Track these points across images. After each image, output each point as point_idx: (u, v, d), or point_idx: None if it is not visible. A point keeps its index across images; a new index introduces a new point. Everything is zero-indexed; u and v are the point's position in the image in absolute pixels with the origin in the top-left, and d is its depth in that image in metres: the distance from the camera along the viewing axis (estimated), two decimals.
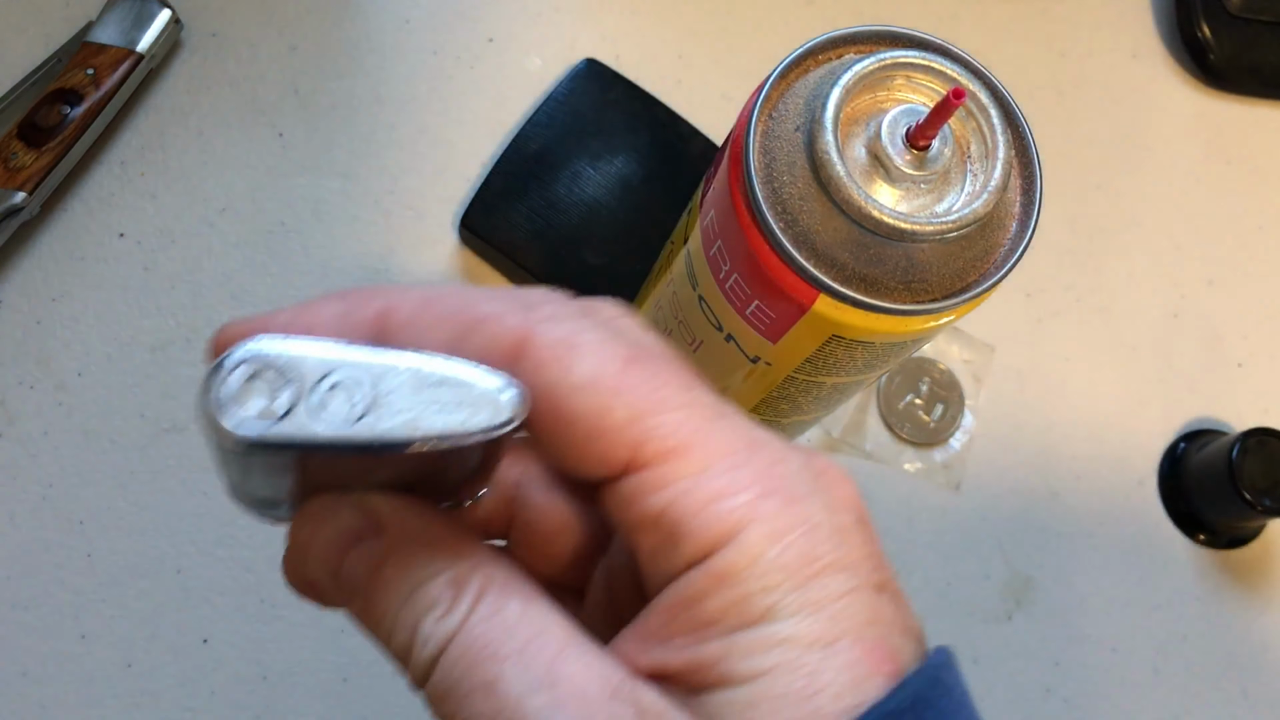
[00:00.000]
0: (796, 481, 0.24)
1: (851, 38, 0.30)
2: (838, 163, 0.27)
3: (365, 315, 0.25)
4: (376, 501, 0.26)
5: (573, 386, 0.24)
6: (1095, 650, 0.56)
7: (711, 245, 0.30)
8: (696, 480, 0.24)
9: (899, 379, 0.58)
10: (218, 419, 0.22)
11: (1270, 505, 0.54)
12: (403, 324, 0.25)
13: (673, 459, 0.24)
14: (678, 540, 0.24)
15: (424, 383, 0.23)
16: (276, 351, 0.22)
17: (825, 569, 0.24)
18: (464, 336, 0.25)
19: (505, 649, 0.24)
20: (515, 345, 0.24)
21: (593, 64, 0.57)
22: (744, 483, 0.24)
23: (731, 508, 0.23)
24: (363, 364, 0.23)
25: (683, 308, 0.34)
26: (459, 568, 0.25)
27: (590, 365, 0.24)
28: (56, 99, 0.52)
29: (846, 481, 0.26)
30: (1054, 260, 0.61)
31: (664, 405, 0.24)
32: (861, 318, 0.28)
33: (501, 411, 0.23)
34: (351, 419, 0.22)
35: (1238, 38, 0.64)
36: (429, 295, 0.25)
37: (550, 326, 0.25)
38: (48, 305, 0.53)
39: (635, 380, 0.24)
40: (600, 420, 0.24)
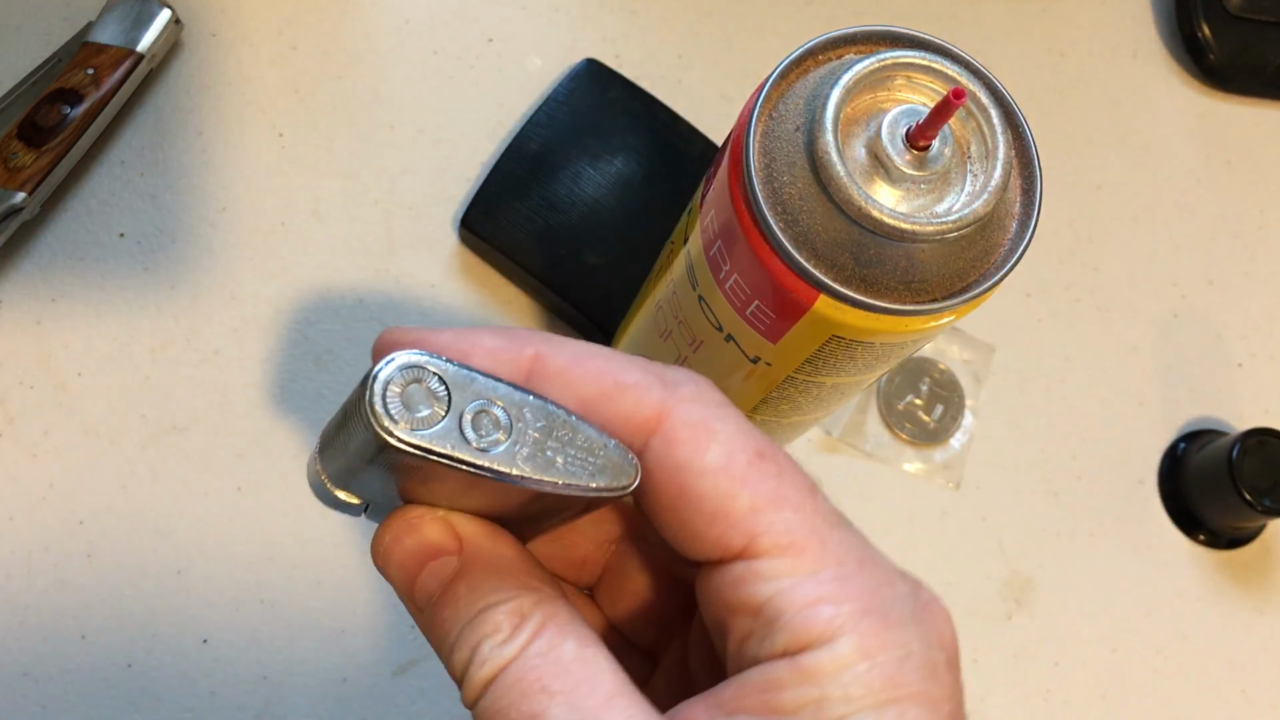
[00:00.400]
0: (899, 607, 0.25)
1: (851, 38, 0.30)
2: (838, 163, 0.27)
3: (521, 355, 0.27)
4: (461, 522, 0.27)
5: (703, 469, 0.25)
6: (1095, 650, 0.56)
7: (711, 245, 0.30)
8: (804, 580, 0.25)
9: (899, 379, 0.58)
10: (374, 411, 0.23)
11: (1270, 505, 0.54)
12: (552, 373, 0.26)
13: (786, 555, 0.25)
14: (773, 631, 0.25)
15: (559, 432, 0.25)
16: (444, 367, 0.24)
17: (907, 698, 0.24)
18: (608, 397, 0.26)
19: (556, 685, 0.25)
20: (653, 417, 0.26)
21: (593, 64, 0.57)
22: (849, 595, 0.25)
23: (832, 615, 0.24)
24: (511, 401, 0.25)
25: (683, 308, 0.34)
26: (524, 599, 0.26)
27: (722, 451, 0.26)
28: (56, 99, 0.52)
29: (948, 620, 0.26)
30: (1054, 260, 0.61)
31: (786, 503, 0.25)
32: (861, 318, 0.28)
33: (620, 478, 0.25)
34: (489, 447, 0.24)
35: (1238, 38, 0.64)
36: (581, 352, 0.27)
37: (690, 408, 0.26)
38: (48, 305, 0.53)
39: (763, 474, 0.25)
40: (723, 505, 0.25)
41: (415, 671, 0.51)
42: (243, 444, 0.52)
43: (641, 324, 0.40)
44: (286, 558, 0.51)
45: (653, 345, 0.38)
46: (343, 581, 0.51)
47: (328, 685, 0.50)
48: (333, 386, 0.53)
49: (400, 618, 0.51)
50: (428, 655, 0.51)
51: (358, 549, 0.52)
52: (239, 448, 0.52)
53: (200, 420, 0.52)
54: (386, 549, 0.27)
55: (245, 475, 0.52)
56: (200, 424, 0.52)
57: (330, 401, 0.53)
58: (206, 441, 0.52)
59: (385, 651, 0.51)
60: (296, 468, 0.52)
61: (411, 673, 0.51)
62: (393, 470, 0.25)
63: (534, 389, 0.26)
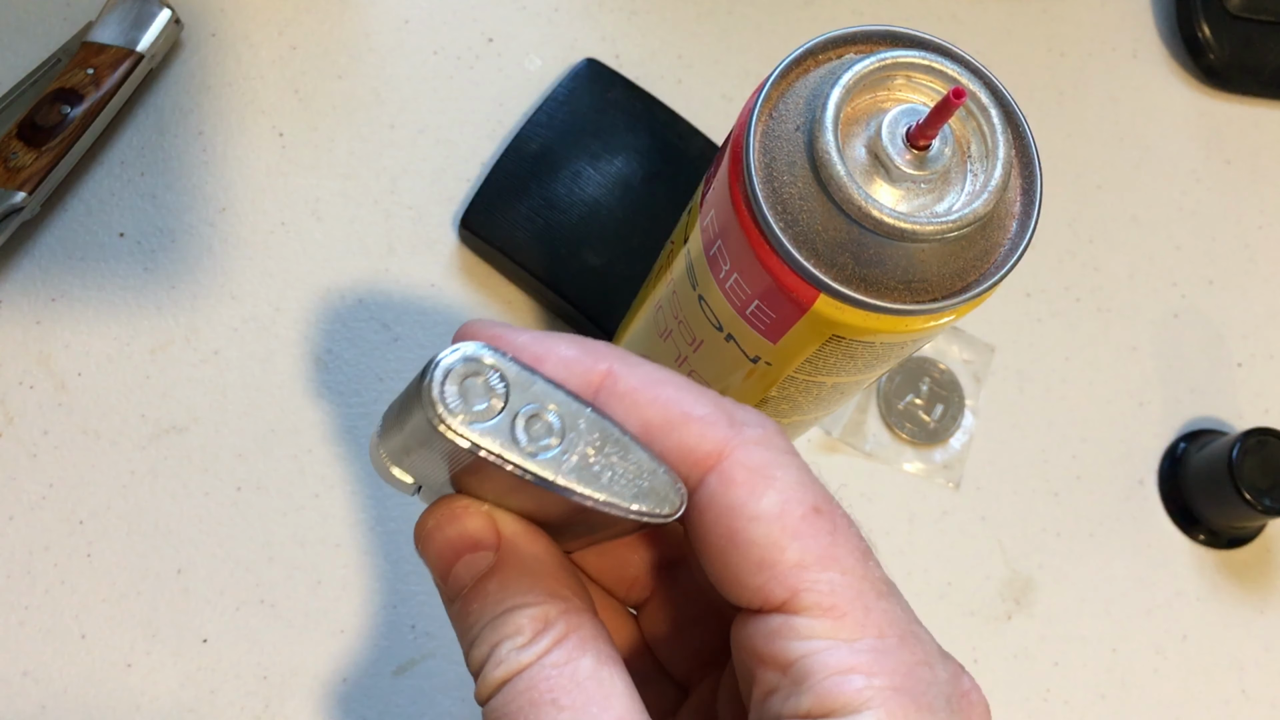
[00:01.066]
0: (934, 691, 0.25)
1: (852, 37, 0.30)
2: (838, 162, 0.27)
3: (594, 369, 0.27)
4: (504, 520, 0.27)
5: (756, 514, 0.25)
6: (1095, 650, 0.56)
7: (711, 245, 0.30)
8: (841, 646, 0.24)
9: (899, 379, 0.58)
10: (430, 398, 0.24)
11: (1270, 505, 0.54)
12: (622, 392, 0.26)
13: (826, 617, 0.24)
14: (800, 691, 0.24)
15: (610, 449, 0.25)
16: (508, 366, 0.24)
17: None
18: (673, 425, 0.26)
19: (566, 700, 0.24)
20: (714, 454, 0.26)
21: (593, 64, 0.57)
22: (884, 669, 0.24)
23: (862, 686, 0.24)
24: (568, 410, 0.25)
25: (683, 307, 0.34)
26: (551, 607, 0.26)
27: (778, 500, 0.25)
28: (56, 99, 0.52)
29: (985, 714, 0.26)
30: (1054, 260, 0.61)
31: (835, 564, 0.25)
32: (861, 318, 0.28)
33: (664, 506, 0.25)
34: (537, 451, 0.24)
35: (1238, 38, 0.64)
36: (655, 376, 0.27)
37: (753, 450, 0.26)
38: (47, 305, 0.53)
39: (816, 530, 0.25)
40: (770, 555, 0.25)
41: (415, 671, 0.51)
42: (242, 444, 0.52)
43: (641, 324, 0.40)
44: (286, 558, 0.51)
45: (653, 345, 0.38)
46: (343, 581, 0.51)
47: (328, 685, 0.50)
48: (333, 386, 0.53)
49: (400, 618, 0.51)
50: (428, 655, 0.51)
51: (358, 549, 0.52)
52: (239, 448, 0.52)
53: (200, 420, 0.52)
54: (428, 534, 0.27)
55: (245, 475, 0.52)
56: (200, 424, 0.52)
57: (330, 401, 0.53)
58: (206, 441, 0.52)
59: (385, 651, 0.51)
60: (297, 468, 0.52)
61: (411, 673, 0.51)
62: (444, 457, 0.25)
63: (599, 404, 0.26)
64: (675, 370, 0.28)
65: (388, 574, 0.52)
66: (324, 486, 0.52)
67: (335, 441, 0.53)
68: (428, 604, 0.52)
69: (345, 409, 0.53)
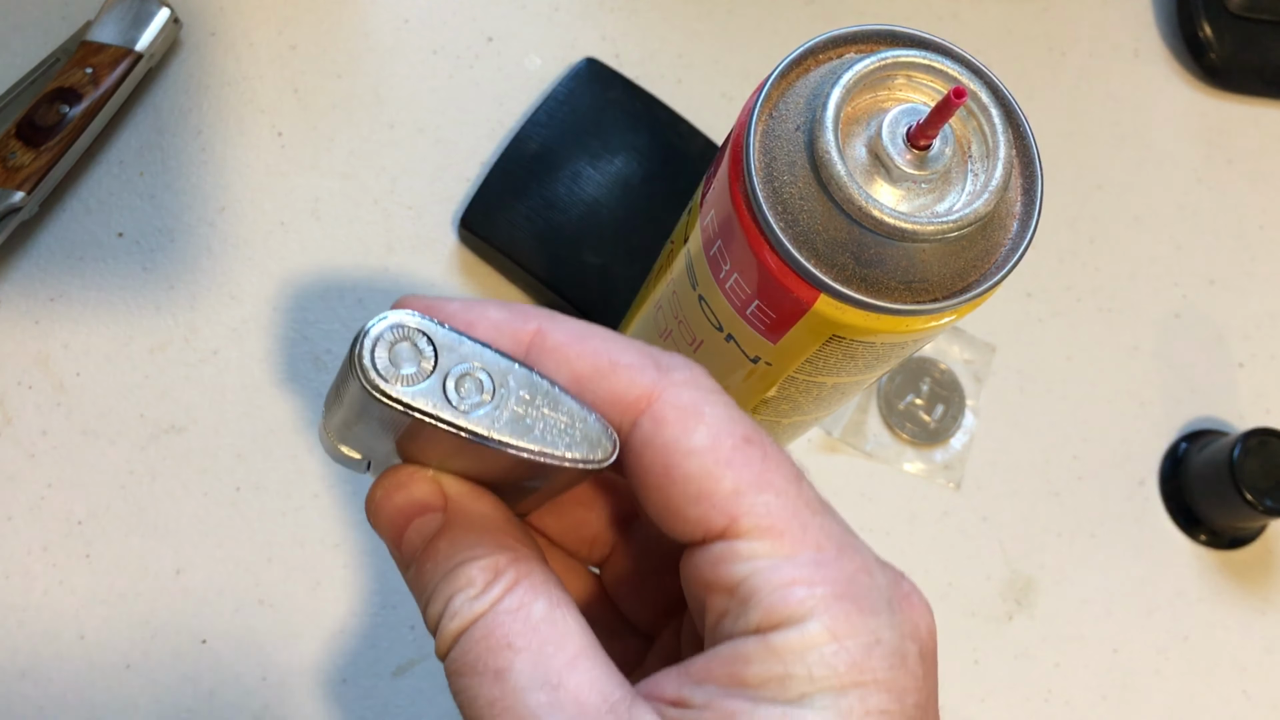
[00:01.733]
0: (874, 596, 0.25)
1: (852, 37, 0.30)
2: (838, 162, 0.27)
3: (524, 328, 0.27)
4: (449, 483, 0.28)
5: (689, 450, 0.26)
6: (1096, 651, 0.56)
7: (711, 245, 0.30)
8: (781, 562, 0.25)
9: (900, 379, 0.58)
10: (360, 365, 0.24)
11: (1272, 505, 0.54)
12: (550, 348, 0.27)
13: (765, 537, 0.25)
14: (748, 608, 0.25)
15: (540, 402, 0.26)
16: (435, 329, 0.25)
17: (871, 683, 0.24)
18: (601, 375, 0.27)
19: (521, 642, 0.25)
20: (644, 397, 0.27)
21: (593, 64, 0.57)
22: (824, 579, 0.25)
23: (804, 596, 0.25)
24: (497, 367, 0.26)
25: (683, 307, 0.34)
26: (500, 557, 0.26)
27: (709, 434, 0.26)
28: (55, 98, 0.52)
29: (926, 614, 0.27)
30: (1055, 260, 0.61)
31: (769, 487, 0.26)
32: (862, 318, 0.28)
33: (597, 451, 0.26)
34: (469, 409, 0.25)
35: (1239, 37, 0.64)
36: (581, 331, 0.28)
37: (681, 391, 0.27)
38: (46, 305, 0.53)
39: (747, 458, 0.26)
40: (707, 486, 0.26)
41: (415, 671, 0.51)
42: (242, 444, 0.52)
43: (641, 323, 0.40)
44: (286, 558, 0.51)
45: (653, 344, 0.38)
46: (342, 581, 0.51)
47: (328, 685, 0.50)
48: None
49: (400, 618, 0.51)
50: (427, 655, 0.51)
51: (357, 549, 0.52)
52: (238, 448, 0.52)
53: (199, 420, 0.52)
54: (377, 504, 0.28)
55: (244, 475, 0.52)
56: (199, 424, 0.52)
57: None
58: (205, 441, 0.52)
59: (385, 651, 0.51)
60: (296, 468, 0.52)
61: (411, 673, 0.51)
62: (383, 425, 0.26)
63: (530, 362, 0.27)
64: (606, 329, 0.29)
65: (387, 574, 0.52)
66: (323, 486, 0.52)
67: None
68: None
69: None
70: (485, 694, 0.25)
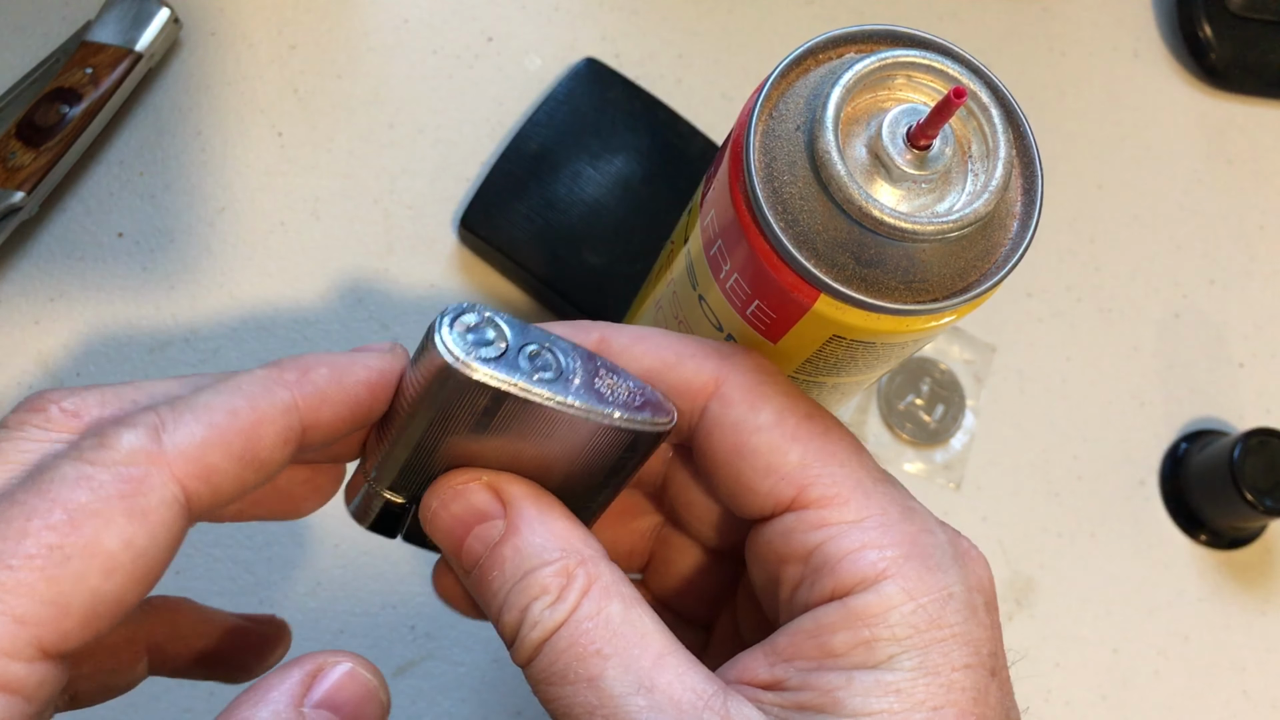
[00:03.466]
0: (940, 554, 0.27)
1: (852, 37, 0.30)
2: (838, 162, 0.27)
3: (587, 339, 0.29)
4: (506, 484, 0.28)
5: (757, 427, 0.28)
6: (1096, 651, 0.56)
7: (711, 245, 0.30)
8: (851, 528, 0.26)
9: (900, 379, 0.58)
10: (445, 342, 0.26)
11: (1272, 505, 0.54)
12: (617, 351, 0.29)
13: (833, 505, 0.27)
14: (822, 576, 0.26)
15: (608, 374, 0.28)
16: (502, 317, 0.27)
17: (950, 638, 0.26)
18: (669, 366, 0.29)
19: (609, 648, 0.26)
20: (711, 381, 0.28)
21: (593, 64, 0.57)
22: (892, 541, 0.26)
23: (877, 559, 0.26)
24: (563, 346, 0.27)
25: (683, 307, 0.34)
26: (569, 561, 0.27)
27: (773, 411, 0.28)
28: (55, 98, 0.52)
29: (985, 566, 0.28)
30: (1055, 260, 0.61)
31: (833, 458, 0.27)
32: (862, 318, 0.28)
33: (661, 415, 0.28)
34: (545, 381, 0.27)
35: (1239, 37, 0.64)
36: (642, 332, 0.29)
37: (744, 374, 0.28)
38: (46, 305, 0.53)
39: (811, 433, 0.28)
40: (774, 460, 0.27)
41: (415, 671, 0.51)
42: None
43: (642, 324, 0.40)
44: (286, 558, 0.51)
45: None
46: (343, 582, 0.51)
47: None
48: None
49: (400, 618, 0.51)
50: (427, 655, 0.51)
51: (357, 549, 0.52)
52: None
53: None
54: (434, 514, 0.29)
55: None
56: None
57: None
58: None
59: (385, 651, 0.51)
60: None
61: (411, 673, 0.51)
62: (448, 420, 0.27)
63: None
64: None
65: (387, 574, 0.52)
66: None
67: None
68: (428, 604, 0.52)
69: None
70: (582, 701, 0.25)
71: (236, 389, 0.25)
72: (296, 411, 0.26)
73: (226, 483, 0.25)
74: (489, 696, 0.51)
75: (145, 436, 0.24)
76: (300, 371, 0.26)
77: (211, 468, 0.24)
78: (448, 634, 0.51)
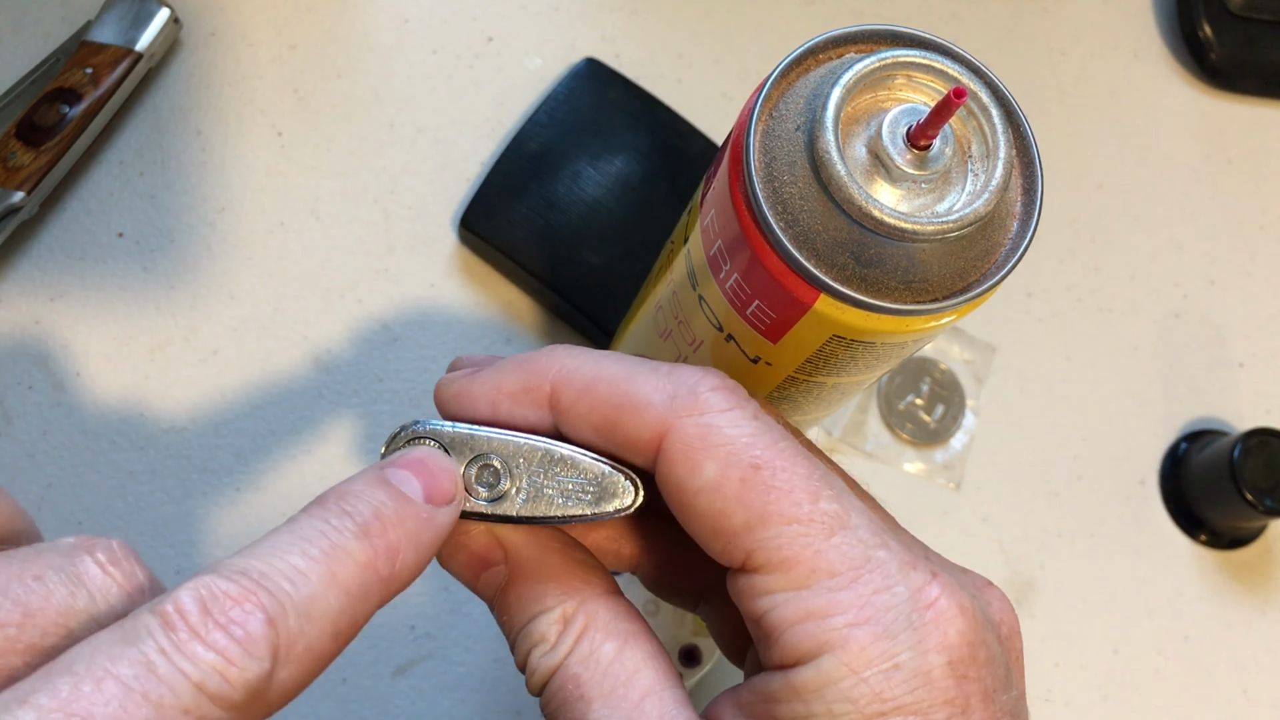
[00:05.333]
0: (894, 615, 0.25)
1: (852, 37, 0.30)
2: (838, 162, 0.27)
3: (540, 390, 0.29)
4: (504, 533, 0.30)
5: (698, 489, 0.27)
6: (1096, 651, 0.56)
7: (711, 245, 0.30)
8: (796, 595, 0.26)
9: (900, 379, 0.58)
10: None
11: (1272, 505, 0.54)
12: (566, 409, 0.29)
13: (779, 571, 0.26)
14: (770, 644, 0.26)
15: (557, 470, 0.28)
16: (440, 433, 0.28)
17: (894, 711, 0.25)
18: (614, 425, 0.28)
19: (594, 691, 0.27)
20: (655, 438, 0.27)
21: (593, 64, 0.57)
22: (840, 607, 0.25)
23: (820, 630, 0.25)
24: (508, 449, 0.28)
25: (683, 308, 0.34)
26: (567, 605, 0.28)
27: (716, 470, 0.27)
28: (55, 98, 0.52)
29: (954, 620, 0.26)
30: (1055, 260, 0.61)
31: (778, 518, 0.26)
32: (862, 318, 0.28)
33: (617, 503, 0.28)
34: (492, 497, 0.28)
35: (1239, 37, 0.64)
36: (589, 379, 0.29)
37: (688, 424, 0.27)
38: (46, 305, 0.53)
39: (754, 491, 0.26)
40: (720, 521, 0.27)
41: (415, 671, 0.51)
42: (241, 444, 0.52)
43: (641, 324, 0.40)
44: None
45: (653, 345, 0.38)
46: None
47: (328, 685, 0.50)
48: (332, 386, 0.53)
49: (400, 618, 0.51)
50: (427, 655, 0.51)
51: None
52: (238, 448, 0.52)
53: (199, 420, 0.52)
54: (444, 561, 0.30)
55: (244, 475, 0.52)
56: (199, 424, 0.52)
57: (329, 401, 0.53)
58: (205, 441, 0.52)
59: (385, 651, 0.51)
60: (295, 468, 0.52)
61: (411, 673, 0.51)
62: None
63: (555, 420, 0.29)
64: (618, 354, 0.29)
65: None
66: (323, 486, 0.52)
67: (334, 442, 0.53)
68: (428, 604, 0.52)
69: (344, 409, 0.53)
70: None
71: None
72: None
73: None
74: (489, 696, 0.51)
75: None
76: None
77: None
78: (448, 634, 0.51)
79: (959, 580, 0.27)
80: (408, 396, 0.54)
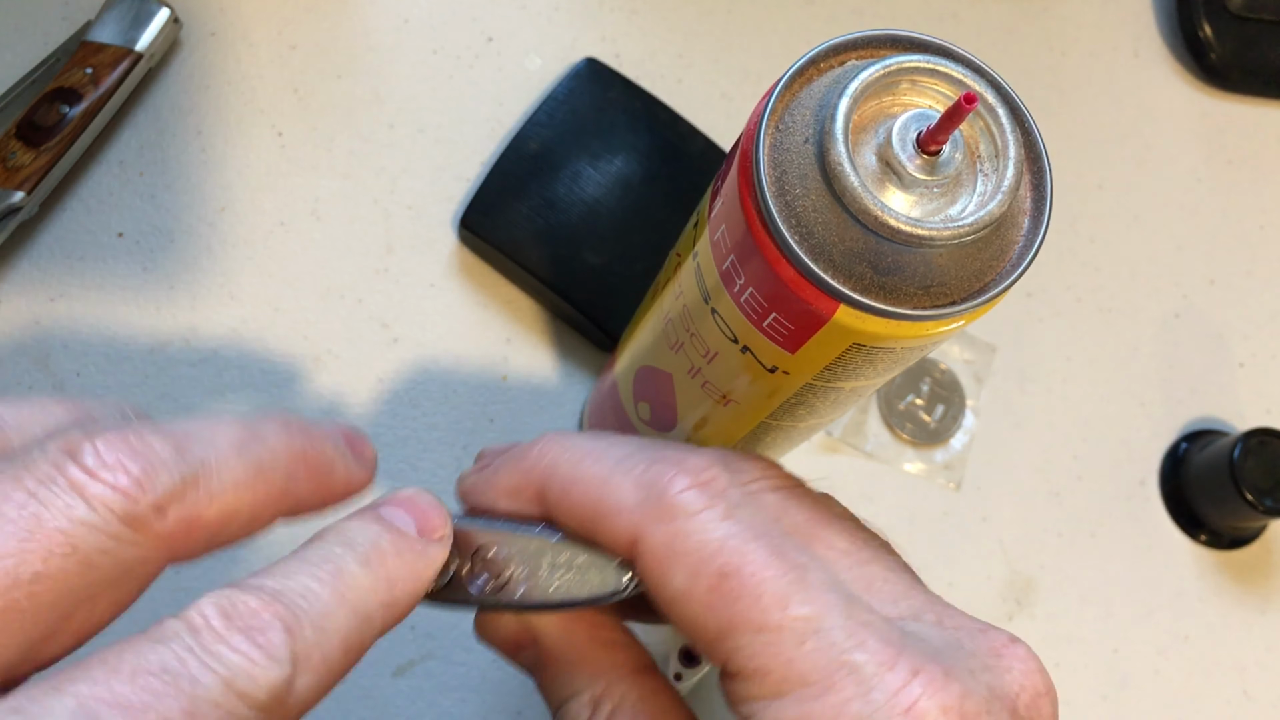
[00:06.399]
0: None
1: (853, 43, 0.30)
2: (851, 173, 0.26)
3: (530, 493, 0.30)
4: (531, 617, 0.31)
5: (670, 598, 0.27)
6: (1096, 651, 0.56)
7: (724, 260, 0.30)
8: (772, 704, 0.25)
9: (900, 379, 0.58)
10: None
11: (1272, 505, 0.54)
12: (555, 503, 0.30)
13: (754, 679, 0.26)
14: None
15: (552, 558, 0.30)
16: (454, 523, 0.30)
17: None
18: (594, 527, 0.29)
19: None
20: (630, 544, 0.28)
21: (593, 64, 0.57)
22: (814, 719, 0.25)
23: None
24: (505, 542, 0.30)
25: (694, 321, 0.34)
26: (595, 687, 0.29)
27: (682, 581, 0.27)
28: (55, 98, 0.52)
29: (938, 716, 0.25)
30: (1055, 260, 0.61)
31: (747, 627, 0.26)
32: (882, 325, 0.28)
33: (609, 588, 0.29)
34: (491, 591, 0.30)
35: (1239, 37, 0.64)
36: (572, 475, 0.29)
37: (656, 531, 0.27)
38: (46, 305, 0.53)
39: (722, 600, 0.26)
40: (694, 628, 0.27)
41: (415, 672, 0.51)
42: None
43: (648, 336, 0.39)
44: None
45: (664, 357, 0.38)
46: None
47: None
48: (332, 387, 0.53)
49: None
50: (427, 655, 0.51)
51: None
52: None
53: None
54: (482, 640, 0.32)
55: None
56: None
57: (329, 402, 0.53)
58: None
59: (385, 652, 0.51)
60: None
61: (411, 673, 0.51)
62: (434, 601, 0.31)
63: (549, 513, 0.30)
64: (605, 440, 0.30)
65: None
66: None
67: None
68: None
69: (344, 409, 0.53)
70: None
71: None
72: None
73: None
74: (489, 696, 0.51)
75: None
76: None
77: None
78: (448, 634, 0.51)
79: (956, 663, 0.26)
80: (407, 397, 0.54)
